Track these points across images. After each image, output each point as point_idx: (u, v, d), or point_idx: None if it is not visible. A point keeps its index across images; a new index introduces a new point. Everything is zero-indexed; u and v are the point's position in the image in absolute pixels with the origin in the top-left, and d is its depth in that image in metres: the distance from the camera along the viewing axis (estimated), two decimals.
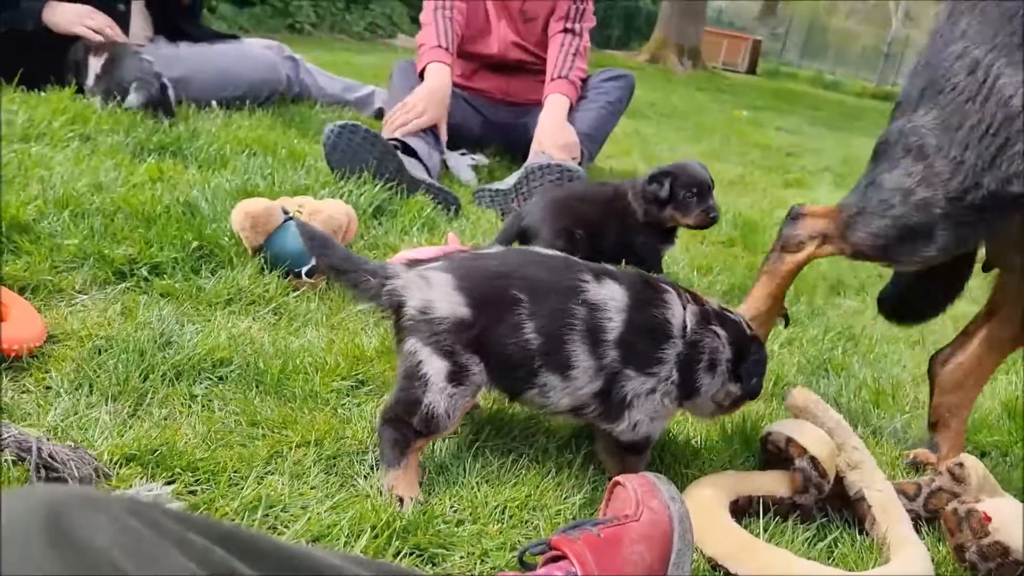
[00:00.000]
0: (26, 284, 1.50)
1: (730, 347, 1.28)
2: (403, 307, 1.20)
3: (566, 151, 2.70)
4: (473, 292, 1.20)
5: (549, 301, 1.21)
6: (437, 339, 1.18)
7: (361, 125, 2.39)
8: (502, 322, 1.20)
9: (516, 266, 1.25)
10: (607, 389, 1.23)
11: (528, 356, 1.20)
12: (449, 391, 1.17)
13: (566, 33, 3.09)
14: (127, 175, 2.09)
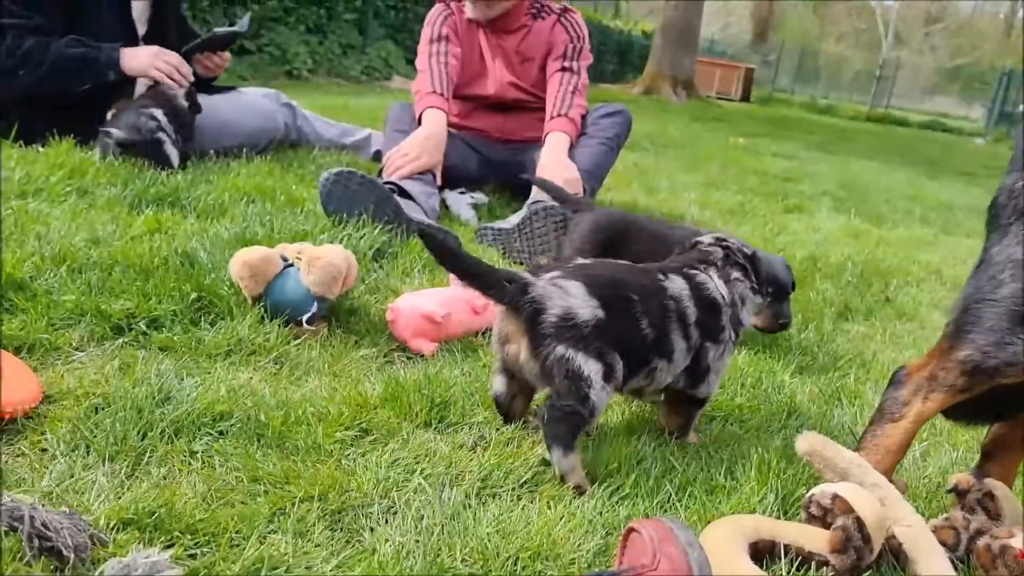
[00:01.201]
0: (22, 343, 1.47)
1: (746, 275, 1.57)
2: (542, 313, 1.34)
3: (568, 188, 2.68)
4: (602, 296, 1.38)
5: (651, 300, 1.44)
6: (587, 342, 1.34)
7: (356, 171, 2.38)
8: (626, 321, 1.40)
9: (621, 272, 1.49)
10: (694, 362, 1.49)
11: (645, 347, 1.42)
12: (606, 388, 1.37)
13: (564, 72, 3.10)
14: (125, 228, 2.08)
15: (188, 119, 2.85)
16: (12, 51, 2.64)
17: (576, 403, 1.34)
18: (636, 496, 1.33)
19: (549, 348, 1.33)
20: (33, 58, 2.64)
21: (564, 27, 3.19)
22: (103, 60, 2.77)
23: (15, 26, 2.66)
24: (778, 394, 1.86)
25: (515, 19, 3.19)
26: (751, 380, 1.88)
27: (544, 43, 3.20)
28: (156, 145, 2.64)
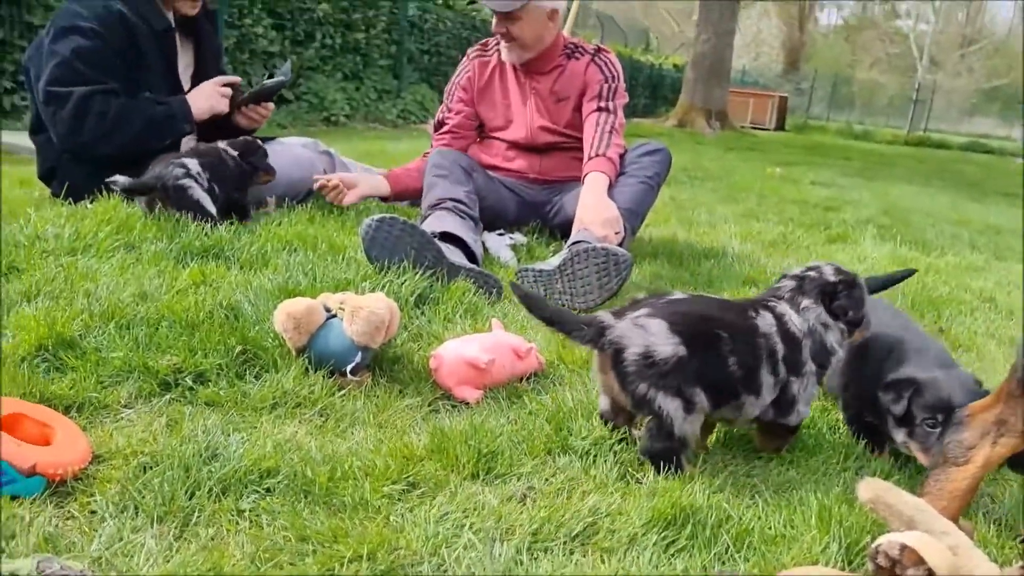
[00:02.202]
0: (72, 402, 1.48)
1: (822, 303, 1.60)
2: (623, 352, 1.45)
3: (608, 227, 2.67)
4: (685, 333, 1.45)
5: (742, 338, 1.50)
6: (666, 381, 1.43)
7: (398, 217, 2.39)
8: (711, 357, 1.47)
9: (711, 309, 1.57)
10: (781, 395, 1.55)
11: (732, 383, 1.49)
12: (689, 420, 1.46)
13: (600, 112, 3.10)
14: (171, 281, 2.10)
15: (236, 170, 2.89)
16: (104, 115, 2.75)
17: (664, 438, 1.46)
18: (692, 548, 1.29)
19: (633, 386, 1.45)
20: (123, 121, 2.75)
21: (598, 67, 3.20)
22: (179, 115, 2.90)
23: (98, 91, 2.76)
24: (833, 434, 1.80)
25: (549, 60, 3.21)
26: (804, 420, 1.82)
27: (579, 83, 3.21)
28: (180, 191, 2.65)
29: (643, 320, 1.47)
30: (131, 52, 2.85)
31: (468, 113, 3.31)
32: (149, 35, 2.89)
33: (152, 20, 2.90)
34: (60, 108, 2.76)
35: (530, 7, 3.02)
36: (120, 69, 2.83)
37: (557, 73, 3.23)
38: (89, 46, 2.76)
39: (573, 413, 1.69)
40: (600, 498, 1.39)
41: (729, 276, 3.10)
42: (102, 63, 2.79)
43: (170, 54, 3.02)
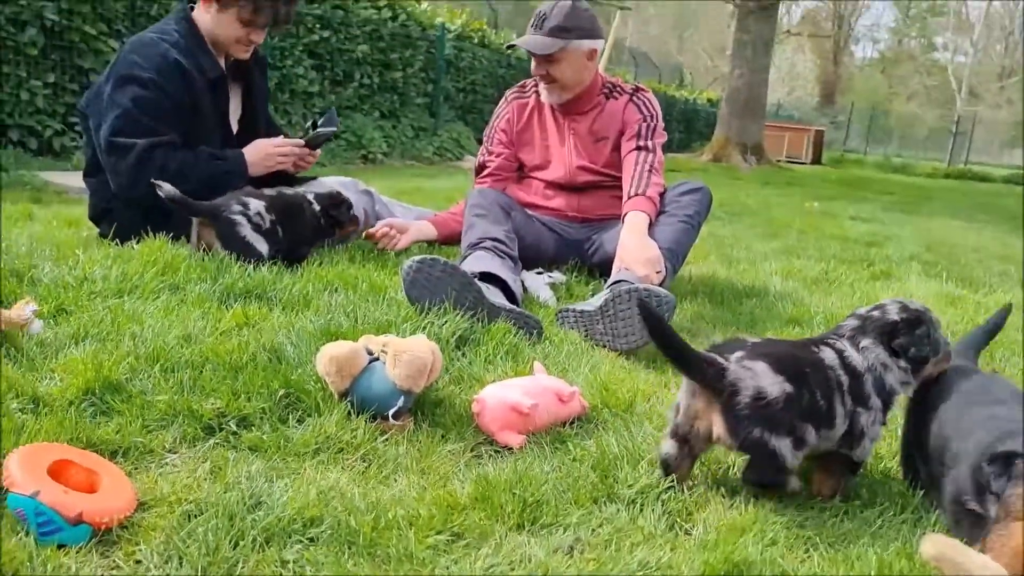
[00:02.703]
0: (118, 447, 1.49)
1: (882, 343, 1.61)
2: (737, 395, 1.48)
3: (649, 266, 2.64)
4: (786, 371, 1.51)
5: (817, 372, 1.56)
6: (777, 420, 1.48)
7: (439, 258, 2.39)
8: (806, 392, 1.52)
9: (794, 348, 1.65)
10: (849, 427, 1.57)
11: (821, 416, 1.53)
12: (797, 456, 1.51)
13: (639, 151, 3.09)
14: (215, 323, 2.12)
15: (313, 221, 2.96)
16: (165, 168, 2.80)
17: (772, 476, 1.51)
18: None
19: (746, 430, 1.48)
20: (182, 175, 2.79)
21: (637, 106, 3.20)
22: (236, 172, 2.97)
23: (159, 144, 2.84)
24: (888, 485, 1.74)
25: (588, 100, 3.22)
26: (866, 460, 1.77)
27: (617, 122, 3.21)
28: (230, 226, 2.70)
29: (746, 362, 1.52)
30: (187, 100, 2.92)
31: (508, 155, 3.33)
32: (203, 83, 2.95)
33: (207, 68, 2.97)
34: (122, 159, 2.83)
35: (569, 48, 3.04)
36: (177, 118, 2.90)
37: (596, 113, 3.24)
38: (149, 96, 2.83)
39: (618, 460, 1.65)
40: (649, 551, 1.35)
41: (772, 316, 3.05)
42: (161, 113, 2.86)
43: (222, 101, 3.10)
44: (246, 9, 2.97)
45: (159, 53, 2.87)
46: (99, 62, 6.75)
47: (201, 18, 3.01)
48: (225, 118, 3.13)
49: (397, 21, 10.83)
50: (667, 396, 2.08)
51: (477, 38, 13.22)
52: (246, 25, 3.00)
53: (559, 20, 3.02)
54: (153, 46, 2.90)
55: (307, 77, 9.33)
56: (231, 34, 3.02)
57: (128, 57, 2.89)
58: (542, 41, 3.02)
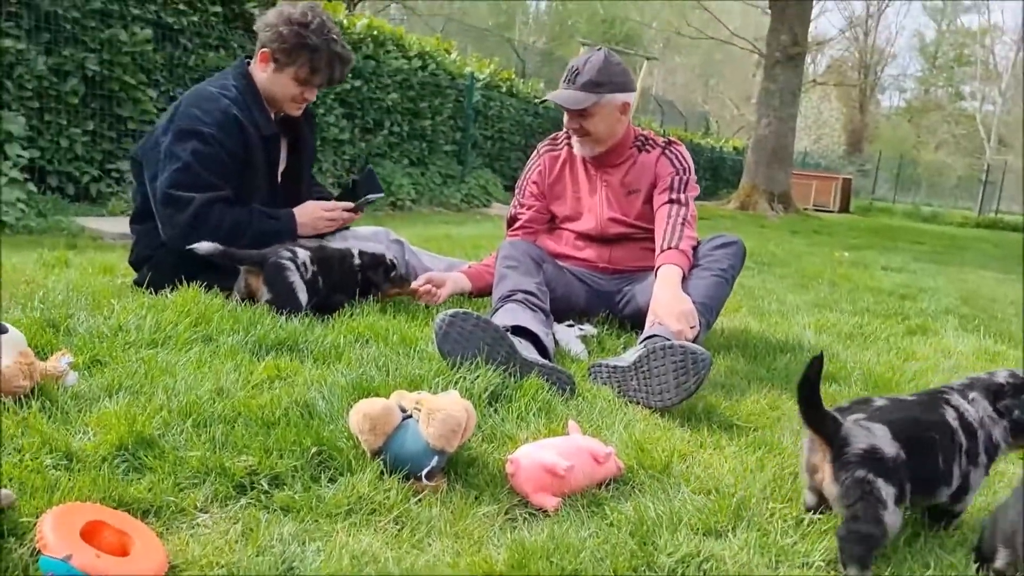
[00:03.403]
0: (150, 506, 1.47)
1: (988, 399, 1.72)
2: (848, 447, 1.57)
3: (683, 321, 2.61)
4: (901, 437, 1.59)
5: (946, 438, 1.65)
6: (888, 472, 1.55)
7: (471, 312, 2.37)
8: (923, 457, 1.61)
9: (916, 411, 1.70)
10: (961, 484, 1.67)
11: (936, 478, 1.64)
12: (897, 512, 1.55)
13: (672, 204, 3.08)
14: (246, 376, 2.11)
15: (351, 278, 3.00)
16: (220, 225, 2.86)
17: (871, 524, 1.52)
18: None
19: (850, 472, 1.55)
20: (236, 233, 2.87)
21: (669, 159, 3.20)
22: (286, 232, 3.03)
23: (216, 200, 2.89)
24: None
25: (620, 153, 3.23)
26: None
27: (650, 175, 3.20)
28: (278, 269, 2.73)
29: (865, 423, 1.61)
30: (241, 155, 2.98)
31: (539, 207, 3.34)
32: (257, 139, 3.01)
33: (261, 125, 3.04)
34: (179, 212, 2.87)
35: (602, 102, 3.05)
36: (232, 172, 2.96)
37: (628, 165, 3.24)
38: (208, 152, 2.89)
39: (657, 525, 1.61)
40: None
41: None
42: (219, 168, 2.92)
43: (273, 157, 3.16)
44: (303, 69, 3.04)
45: (220, 109, 2.93)
46: (137, 111, 6.91)
47: (257, 75, 3.08)
48: (274, 174, 3.18)
49: (427, 70, 11.01)
50: (704, 457, 2.03)
51: (505, 87, 13.42)
52: (302, 84, 3.07)
53: (592, 75, 3.04)
54: (214, 101, 2.96)
55: (338, 125, 9.48)
56: (287, 92, 3.08)
57: (189, 111, 2.94)
58: (575, 96, 3.04)
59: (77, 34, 6.47)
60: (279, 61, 3.04)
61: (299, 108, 3.18)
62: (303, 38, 3.01)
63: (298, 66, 3.03)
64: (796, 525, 1.67)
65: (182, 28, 7.30)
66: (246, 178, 3.02)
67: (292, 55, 3.02)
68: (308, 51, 3.02)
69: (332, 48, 3.07)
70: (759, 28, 29.66)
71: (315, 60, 3.04)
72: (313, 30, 3.03)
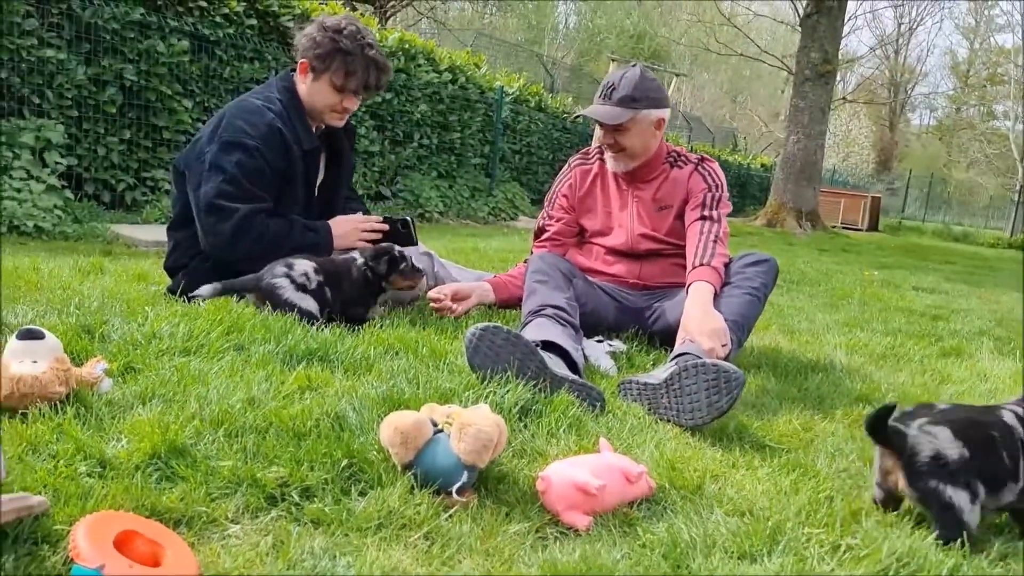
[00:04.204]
0: (182, 516, 1.47)
1: None
2: (918, 455, 1.71)
3: (715, 338, 2.58)
4: (966, 437, 1.71)
5: (1007, 434, 1.76)
6: (953, 476, 1.68)
7: (501, 326, 2.36)
8: (989, 455, 1.72)
9: (981, 414, 1.84)
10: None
11: (1002, 474, 1.73)
12: (975, 510, 1.69)
13: (704, 220, 3.06)
14: (277, 386, 2.11)
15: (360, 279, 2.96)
16: (261, 237, 2.91)
17: (952, 530, 1.66)
18: None
19: (923, 483, 1.70)
20: (276, 244, 2.91)
21: (702, 175, 3.18)
22: (323, 245, 3.06)
23: (258, 211, 2.94)
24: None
25: (653, 169, 3.22)
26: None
27: (682, 191, 3.19)
28: (272, 292, 2.77)
29: (928, 427, 1.74)
30: (283, 169, 3.02)
31: (568, 220, 3.33)
32: (299, 153, 3.05)
33: (303, 139, 3.07)
34: (222, 221, 2.92)
35: (638, 118, 3.05)
36: (272, 185, 3.00)
37: (660, 181, 3.23)
38: (253, 164, 2.94)
39: (691, 548, 1.58)
40: None
41: (840, 393, 2.94)
42: (262, 180, 2.96)
43: (312, 170, 3.19)
44: (339, 74, 3.06)
45: (265, 122, 2.97)
46: (172, 121, 7.01)
47: (300, 87, 3.12)
48: (311, 186, 3.21)
49: (457, 84, 11.07)
50: (736, 478, 2.00)
51: (534, 101, 13.45)
52: (339, 91, 3.09)
53: (628, 90, 3.03)
54: (260, 114, 2.99)
55: (369, 137, 9.55)
56: (327, 101, 3.11)
57: (235, 123, 2.98)
58: (610, 111, 3.04)
59: (116, 45, 6.59)
60: (316, 69, 3.07)
61: (340, 118, 3.20)
62: (336, 42, 3.04)
63: (333, 71, 3.06)
64: (833, 551, 1.63)
65: (218, 40, 7.40)
66: (285, 191, 3.05)
67: (327, 60, 3.05)
68: (342, 55, 3.05)
69: (366, 53, 3.09)
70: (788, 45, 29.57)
71: (349, 64, 3.06)
72: (347, 35, 3.05)
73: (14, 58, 5.97)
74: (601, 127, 3.13)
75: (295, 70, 3.18)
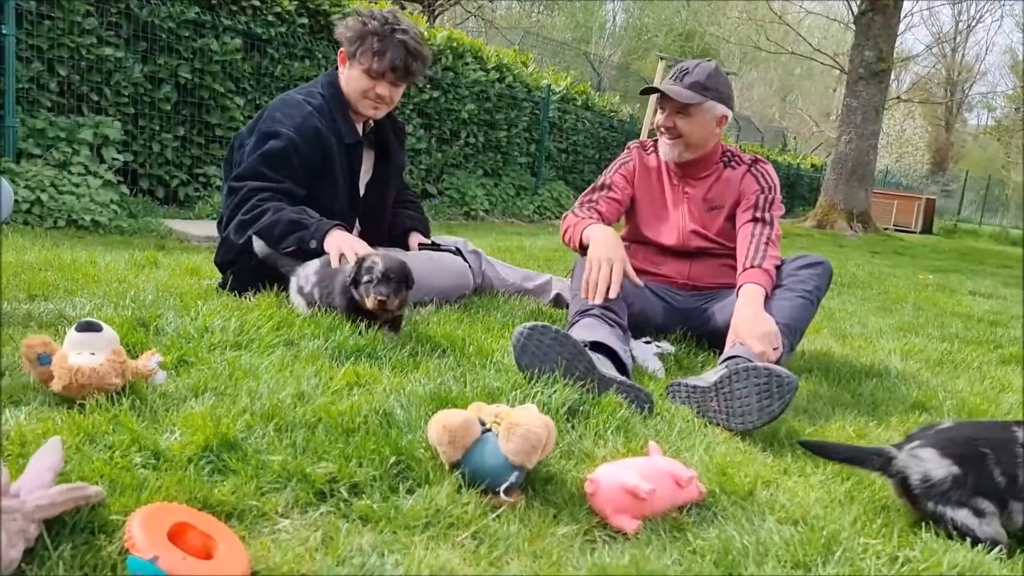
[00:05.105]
0: (233, 509, 1.48)
1: None
2: (909, 480, 1.72)
3: (765, 341, 2.53)
4: (955, 455, 1.70)
5: (1003, 451, 1.70)
6: (948, 496, 1.68)
7: (551, 326, 2.34)
8: (980, 473, 1.69)
9: (975, 431, 1.80)
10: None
11: (1001, 492, 1.68)
12: (987, 523, 1.67)
13: (756, 222, 3.01)
14: (327, 381, 2.12)
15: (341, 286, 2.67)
16: (252, 209, 2.89)
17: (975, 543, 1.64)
18: None
19: (924, 507, 1.71)
20: (263, 216, 2.87)
21: (755, 177, 3.12)
22: (312, 229, 2.84)
23: (266, 188, 2.92)
24: None
25: (706, 166, 3.16)
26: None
27: (733, 192, 3.13)
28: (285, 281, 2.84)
29: (915, 451, 1.75)
30: (318, 163, 3.01)
31: (626, 188, 3.25)
32: (340, 147, 3.05)
33: (344, 133, 3.07)
34: (230, 197, 2.96)
35: (705, 106, 3.00)
36: (303, 176, 2.99)
37: (712, 180, 3.17)
38: (279, 150, 2.94)
39: (743, 556, 1.54)
40: None
41: (895, 399, 2.86)
42: (285, 167, 2.95)
43: (355, 166, 3.18)
44: (367, 56, 3.04)
45: (302, 115, 2.99)
46: (225, 117, 7.13)
47: (341, 80, 3.12)
48: (355, 182, 3.20)
49: (504, 82, 11.08)
50: (788, 485, 1.95)
51: (581, 100, 13.40)
52: (371, 76, 3.06)
53: (700, 77, 2.99)
54: (298, 107, 3.02)
55: (416, 135, 9.61)
56: (359, 87, 3.09)
57: (273, 114, 3.02)
58: (680, 91, 2.98)
59: (171, 43, 6.73)
60: (350, 55, 3.08)
61: (375, 107, 3.15)
62: (365, 25, 3.04)
63: (362, 53, 3.04)
64: (891, 562, 1.58)
65: (270, 39, 7.51)
66: (323, 185, 3.04)
67: (356, 43, 3.05)
68: (370, 36, 3.03)
69: (396, 36, 3.04)
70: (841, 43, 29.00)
71: (378, 45, 3.02)
72: (377, 19, 3.05)
73: (74, 56, 6.13)
74: (662, 110, 3.09)
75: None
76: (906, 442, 1.82)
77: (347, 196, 3.15)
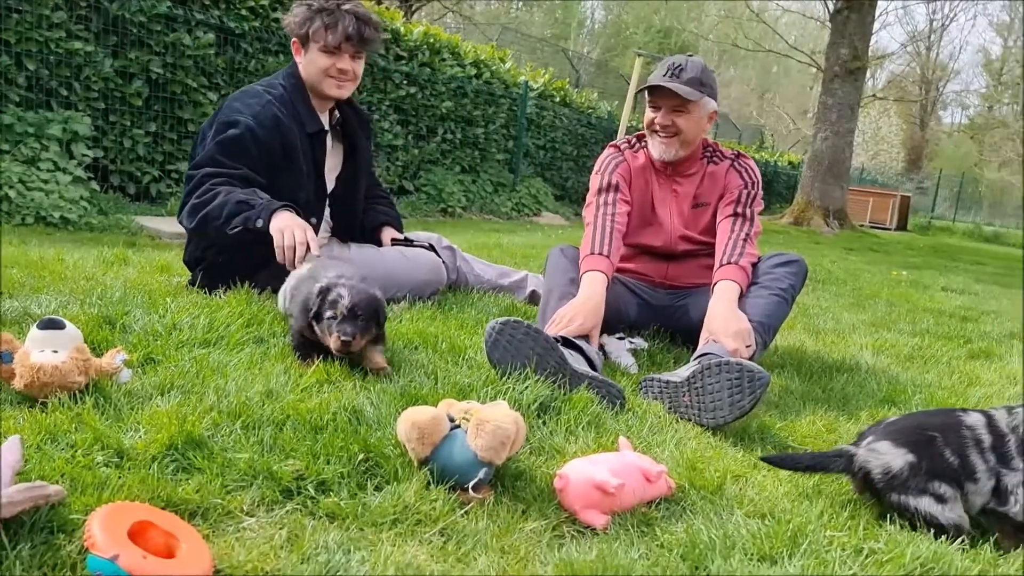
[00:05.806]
0: (197, 508, 1.46)
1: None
2: (871, 474, 1.78)
3: (739, 339, 2.54)
4: (907, 443, 1.78)
5: (950, 433, 1.78)
6: (908, 485, 1.74)
7: (522, 321, 2.34)
8: (932, 456, 1.76)
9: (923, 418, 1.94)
10: (996, 484, 1.75)
11: (955, 472, 1.75)
12: (949, 508, 1.72)
13: (736, 217, 2.99)
14: (296, 379, 2.11)
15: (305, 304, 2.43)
16: (204, 193, 2.82)
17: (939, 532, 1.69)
18: None
19: (888, 499, 1.76)
20: (214, 199, 2.78)
21: (738, 172, 3.10)
22: (258, 209, 2.73)
23: (220, 174, 2.86)
24: None
25: (692, 163, 3.13)
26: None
27: (719, 187, 3.09)
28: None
29: (872, 444, 1.81)
30: (278, 153, 2.96)
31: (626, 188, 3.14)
32: (301, 137, 3.01)
33: (306, 122, 3.04)
34: (186, 186, 2.91)
35: (702, 103, 2.98)
36: (260, 163, 2.92)
37: (699, 177, 3.13)
38: (236, 135, 2.89)
39: (710, 549, 1.55)
40: None
41: (865, 394, 2.89)
42: (242, 154, 2.89)
43: (319, 155, 3.13)
44: (319, 32, 2.99)
45: (260, 104, 2.96)
46: (197, 113, 7.06)
47: (300, 70, 3.09)
48: (320, 173, 3.16)
49: (481, 79, 11.06)
50: (758, 479, 1.97)
51: (559, 97, 13.40)
52: (327, 53, 3.01)
53: (697, 73, 2.95)
54: (256, 97, 2.99)
55: (392, 131, 9.56)
56: (320, 67, 3.03)
57: (232, 104, 2.98)
58: (684, 88, 2.94)
59: (143, 38, 6.64)
60: (302, 39, 3.05)
61: (339, 85, 3.08)
62: (311, 7, 3.02)
63: (315, 32, 3.00)
64: (856, 554, 1.60)
65: (243, 33, 7.44)
66: (287, 176, 2.99)
67: (306, 24, 3.01)
68: (317, 14, 3.00)
69: (343, 7, 3.01)
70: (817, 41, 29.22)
71: (328, 19, 2.99)
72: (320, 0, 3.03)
73: (43, 50, 6.04)
74: (656, 108, 3.02)
75: None
76: (860, 439, 1.87)
77: (313, 187, 3.10)
